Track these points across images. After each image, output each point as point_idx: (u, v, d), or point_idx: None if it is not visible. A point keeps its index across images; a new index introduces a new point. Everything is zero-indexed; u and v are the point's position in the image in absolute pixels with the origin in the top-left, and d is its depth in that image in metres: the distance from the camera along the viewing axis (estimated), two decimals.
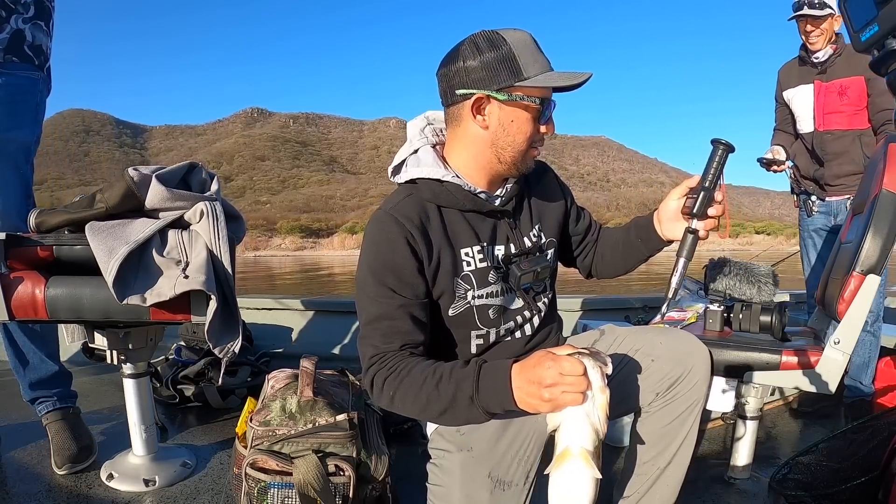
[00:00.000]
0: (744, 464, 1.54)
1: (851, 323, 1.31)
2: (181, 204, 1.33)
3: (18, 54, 1.59)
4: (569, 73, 0.95)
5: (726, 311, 1.57)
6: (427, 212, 1.00)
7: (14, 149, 1.59)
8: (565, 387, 0.75)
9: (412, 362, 0.91)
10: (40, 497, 1.41)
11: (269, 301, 3.05)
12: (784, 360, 1.38)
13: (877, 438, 1.34)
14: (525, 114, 0.96)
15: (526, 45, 0.94)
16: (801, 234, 2.45)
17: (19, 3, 1.58)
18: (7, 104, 1.56)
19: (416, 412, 0.91)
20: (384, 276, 0.95)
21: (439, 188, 1.01)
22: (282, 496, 1.15)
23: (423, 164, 1.04)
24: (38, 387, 1.67)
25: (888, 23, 0.67)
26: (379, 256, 0.96)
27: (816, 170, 2.29)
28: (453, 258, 1.00)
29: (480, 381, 0.84)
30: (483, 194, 1.03)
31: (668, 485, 1.04)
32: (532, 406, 0.79)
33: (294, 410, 1.22)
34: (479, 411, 0.85)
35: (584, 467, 0.76)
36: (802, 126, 2.32)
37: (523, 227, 1.09)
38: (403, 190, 1.03)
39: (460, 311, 1.02)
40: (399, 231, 0.96)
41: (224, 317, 1.30)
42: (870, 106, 2.11)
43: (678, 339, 1.03)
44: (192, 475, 1.55)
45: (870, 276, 1.30)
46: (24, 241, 1.31)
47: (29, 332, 1.65)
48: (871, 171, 1.49)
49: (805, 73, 2.26)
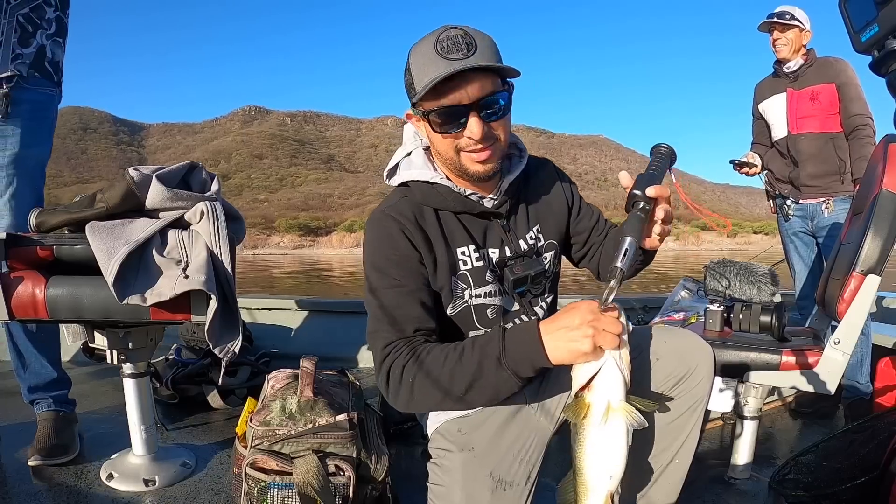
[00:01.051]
0: (744, 464, 1.54)
1: (851, 323, 1.31)
2: (181, 204, 1.34)
3: (41, 70, 1.62)
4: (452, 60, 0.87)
5: (726, 311, 1.57)
6: (422, 212, 1.01)
7: (32, 164, 1.61)
8: (606, 324, 0.74)
9: (430, 346, 0.89)
10: (40, 497, 1.41)
11: (269, 301, 3.04)
12: (784, 360, 1.39)
13: (877, 438, 1.34)
14: (429, 126, 0.94)
15: (423, 55, 0.90)
16: (783, 239, 2.52)
17: (44, 19, 1.61)
18: (28, 120, 1.58)
19: (439, 396, 0.85)
20: (387, 269, 0.96)
21: (430, 190, 1.01)
22: (282, 496, 1.15)
23: (413, 166, 1.04)
24: (36, 390, 1.69)
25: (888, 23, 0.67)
26: (380, 252, 0.97)
27: (791, 171, 2.37)
28: (450, 256, 1.01)
29: (507, 339, 0.82)
30: (474, 195, 1.02)
31: (669, 482, 1.05)
32: (570, 350, 0.76)
33: (294, 410, 1.22)
34: (508, 373, 0.81)
35: (631, 420, 0.76)
36: (777, 132, 2.42)
37: (519, 230, 1.08)
38: (398, 192, 1.04)
39: (459, 311, 1.02)
40: (396, 226, 0.97)
41: (224, 317, 1.30)
42: (842, 111, 2.22)
43: (682, 337, 1.04)
44: (192, 475, 1.55)
45: (870, 277, 1.31)
46: (25, 240, 1.31)
47: (31, 336, 1.65)
48: (871, 172, 1.49)
49: (777, 84, 2.39)
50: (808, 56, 2.29)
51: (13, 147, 1.56)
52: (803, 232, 2.40)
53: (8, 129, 1.55)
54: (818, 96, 2.25)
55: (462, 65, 0.86)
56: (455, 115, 0.91)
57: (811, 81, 2.27)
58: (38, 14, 1.59)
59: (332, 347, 2.88)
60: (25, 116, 1.57)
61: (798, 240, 2.43)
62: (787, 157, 2.38)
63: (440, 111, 0.90)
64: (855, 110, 2.18)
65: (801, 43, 2.29)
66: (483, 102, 0.90)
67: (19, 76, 1.55)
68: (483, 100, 0.90)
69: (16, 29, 1.54)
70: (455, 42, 0.88)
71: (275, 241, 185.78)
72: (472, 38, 0.89)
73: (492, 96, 0.90)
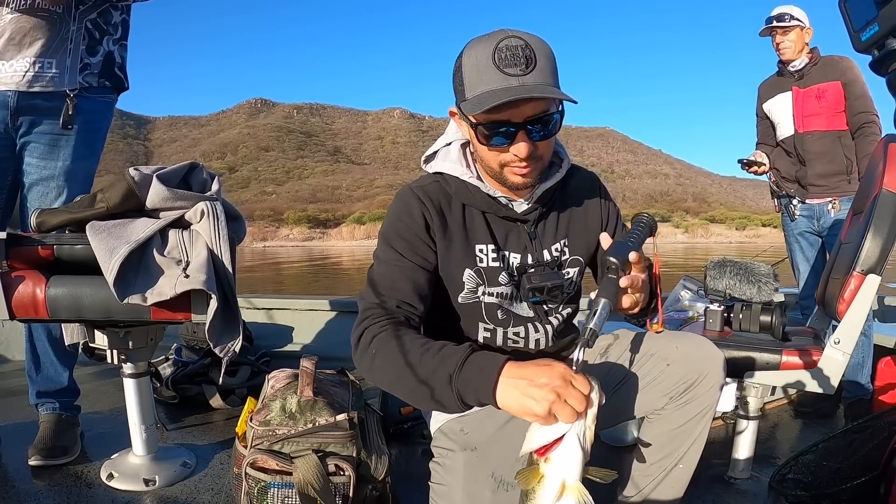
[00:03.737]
0: (744, 464, 1.54)
1: (852, 323, 1.31)
2: (182, 204, 1.34)
3: (111, 78, 1.61)
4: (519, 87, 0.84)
5: (726, 311, 1.57)
6: (450, 202, 1.01)
7: (82, 177, 1.61)
8: (570, 397, 0.68)
9: (407, 330, 0.87)
10: (40, 496, 1.41)
11: (269, 301, 3.04)
12: (784, 360, 1.39)
13: (877, 438, 1.34)
14: (475, 135, 0.92)
15: (478, 60, 0.87)
16: (787, 239, 2.50)
17: (110, 23, 1.60)
18: (83, 132, 1.58)
19: (390, 378, 0.84)
20: (394, 240, 0.97)
21: (462, 186, 1.01)
22: (282, 496, 1.15)
23: (449, 159, 1.03)
24: (45, 395, 1.69)
25: (888, 23, 0.67)
26: (393, 224, 0.98)
27: (798, 170, 2.35)
28: (468, 249, 1.00)
29: (467, 362, 0.77)
30: (504, 198, 1.00)
31: (672, 486, 1.04)
32: (522, 405, 0.70)
33: (294, 410, 1.22)
34: (452, 395, 0.76)
35: (582, 502, 0.69)
36: (782, 131, 2.40)
37: (545, 239, 1.05)
38: (432, 177, 1.04)
39: (469, 302, 1.03)
40: (417, 203, 0.98)
41: (224, 316, 1.30)
42: (847, 109, 2.20)
43: (694, 343, 1.02)
44: (192, 475, 1.55)
45: (870, 276, 1.31)
46: (25, 240, 1.31)
47: (53, 342, 1.65)
48: (871, 171, 1.49)
49: (782, 83, 2.38)
50: (813, 55, 2.28)
51: (66, 159, 1.56)
52: (809, 232, 2.39)
53: (62, 139, 1.55)
54: (824, 94, 2.23)
55: (519, 87, 0.83)
56: (504, 131, 0.88)
57: (816, 80, 2.26)
58: (105, 19, 1.58)
59: (332, 347, 2.88)
60: (81, 128, 1.56)
61: (804, 240, 2.41)
62: (794, 156, 2.36)
63: (488, 125, 0.88)
64: (860, 108, 2.17)
65: (804, 41, 2.28)
66: (534, 122, 0.88)
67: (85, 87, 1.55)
68: (534, 120, 0.87)
69: (84, 36, 1.54)
70: (514, 54, 0.84)
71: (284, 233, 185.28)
72: (532, 50, 0.85)
73: (544, 116, 0.88)
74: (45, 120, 1.53)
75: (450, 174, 1.01)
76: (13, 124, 1.52)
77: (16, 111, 1.51)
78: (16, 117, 1.51)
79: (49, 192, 1.56)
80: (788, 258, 2.54)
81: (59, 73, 1.52)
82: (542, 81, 0.86)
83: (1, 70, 1.49)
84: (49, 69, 1.50)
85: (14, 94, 1.49)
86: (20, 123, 1.53)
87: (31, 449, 1.56)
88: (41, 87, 1.50)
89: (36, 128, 1.53)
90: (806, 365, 1.37)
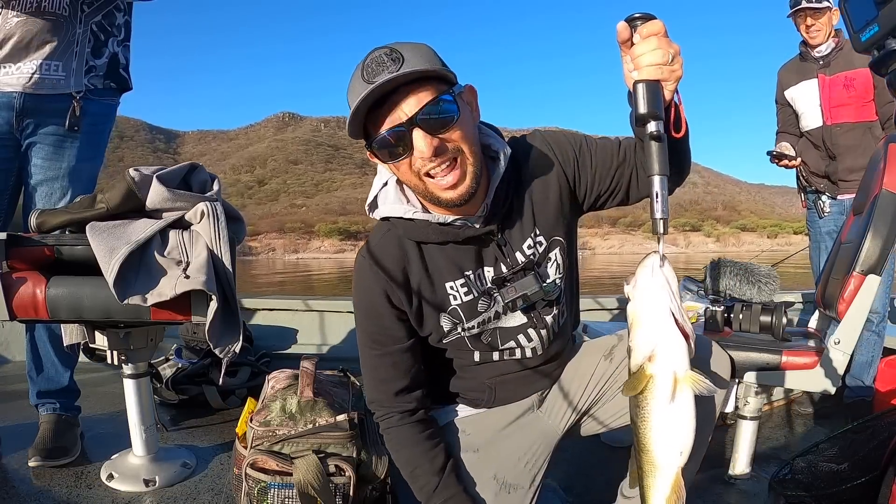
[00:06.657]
0: (744, 464, 1.54)
1: (851, 323, 1.31)
2: (182, 204, 1.33)
3: (116, 78, 1.62)
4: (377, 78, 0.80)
5: (726, 311, 1.57)
6: (406, 251, 0.97)
7: (86, 178, 1.62)
8: None
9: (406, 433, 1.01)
10: (40, 497, 1.41)
11: (269, 301, 3.04)
12: (784, 360, 1.38)
13: (877, 438, 1.33)
14: (377, 156, 0.89)
15: (352, 84, 0.83)
16: (813, 237, 2.35)
17: (114, 25, 1.61)
18: (88, 134, 1.59)
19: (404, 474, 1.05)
20: (364, 335, 1.01)
21: (410, 225, 0.95)
22: (282, 496, 1.15)
23: (388, 200, 0.97)
24: (46, 395, 1.69)
25: (888, 23, 0.67)
26: (357, 310, 1.01)
27: (828, 165, 2.20)
28: (437, 293, 0.97)
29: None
30: (459, 221, 0.93)
31: None
32: None
33: (294, 411, 1.22)
34: None
35: (700, 389, 0.70)
36: (808, 122, 2.25)
37: (514, 241, 0.99)
38: (382, 227, 0.99)
39: (453, 340, 1.02)
40: (371, 277, 0.96)
41: (225, 317, 1.30)
42: (876, 98, 2.07)
43: (700, 345, 1.01)
44: (192, 475, 1.55)
45: (870, 276, 1.31)
46: (25, 241, 1.30)
47: (55, 344, 1.65)
48: (871, 171, 1.49)
49: (806, 69, 2.22)
50: (839, 39, 2.12)
51: (70, 160, 1.57)
52: (837, 231, 2.19)
53: (68, 141, 1.56)
54: (853, 83, 2.08)
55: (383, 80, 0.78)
56: (397, 137, 0.83)
57: (843, 67, 2.10)
58: (110, 21, 1.59)
59: (332, 347, 2.88)
60: (86, 129, 1.58)
61: (830, 239, 2.21)
62: (822, 150, 2.21)
63: (380, 139, 0.84)
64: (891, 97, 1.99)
65: (833, 25, 2.12)
66: (423, 114, 0.82)
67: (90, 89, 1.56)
68: (422, 112, 0.82)
69: (90, 38, 1.55)
70: (380, 62, 0.81)
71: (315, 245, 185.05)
72: (398, 52, 0.81)
73: (432, 105, 0.82)
74: (50, 122, 1.54)
75: (394, 216, 0.96)
76: (18, 126, 1.53)
77: (21, 113, 1.51)
78: (21, 119, 1.52)
79: (53, 193, 1.57)
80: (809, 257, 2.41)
81: (65, 76, 1.53)
82: (411, 70, 0.80)
83: (8, 72, 1.49)
84: (55, 72, 1.51)
85: (20, 95, 1.50)
86: (25, 125, 1.53)
87: (31, 449, 1.56)
88: (47, 89, 1.51)
89: (41, 129, 1.54)
90: (806, 365, 1.37)
